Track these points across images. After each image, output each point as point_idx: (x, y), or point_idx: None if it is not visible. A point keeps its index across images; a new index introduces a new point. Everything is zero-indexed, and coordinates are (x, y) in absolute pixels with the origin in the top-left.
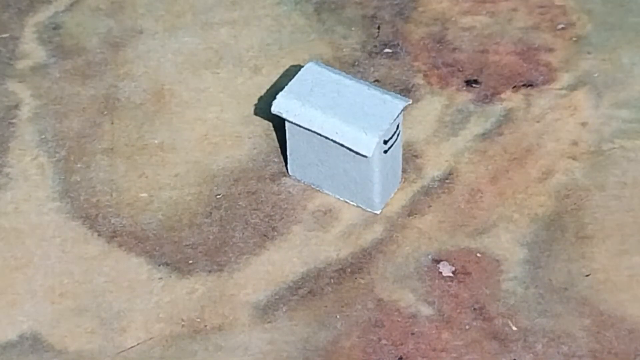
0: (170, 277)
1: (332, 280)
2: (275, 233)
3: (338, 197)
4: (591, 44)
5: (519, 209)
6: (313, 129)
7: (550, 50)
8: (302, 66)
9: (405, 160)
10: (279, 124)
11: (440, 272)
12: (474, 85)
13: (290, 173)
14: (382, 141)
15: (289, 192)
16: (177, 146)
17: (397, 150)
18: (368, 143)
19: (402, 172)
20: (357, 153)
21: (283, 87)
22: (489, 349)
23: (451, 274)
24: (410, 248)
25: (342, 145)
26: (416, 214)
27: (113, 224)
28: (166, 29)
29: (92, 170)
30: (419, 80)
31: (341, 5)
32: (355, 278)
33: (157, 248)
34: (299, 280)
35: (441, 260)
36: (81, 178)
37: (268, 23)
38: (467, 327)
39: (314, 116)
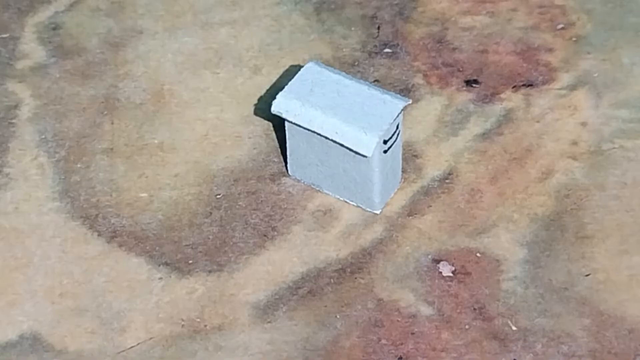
0: (170, 277)
1: (332, 280)
2: (275, 233)
3: (338, 197)
4: (591, 44)
5: (519, 209)
6: (313, 129)
7: (550, 50)
8: (302, 66)
9: (405, 160)
10: (279, 124)
11: (440, 272)
12: (474, 85)
13: (290, 173)
14: (382, 141)
15: (289, 192)
16: (177, 146)
17: (397, 150)
18: (368, 143)
19: (402, 172)
20: (357, 153)
21: (283, 87)
22: (489, 349)
23: (451, 274)
24: (410, 248)
25: (342, 145)
26: (416, 214)
27: (113, 224)
28: (166, 29)
29: (92, 170)
30: (419, 80)
31: (341, 5)
32: (355, 278)
33: (157, 248)
34: (299, 280)
35: (441, 260)
36: (81, 178)
37: (268, 23)
38: (467, 327)
39: (314, 116)
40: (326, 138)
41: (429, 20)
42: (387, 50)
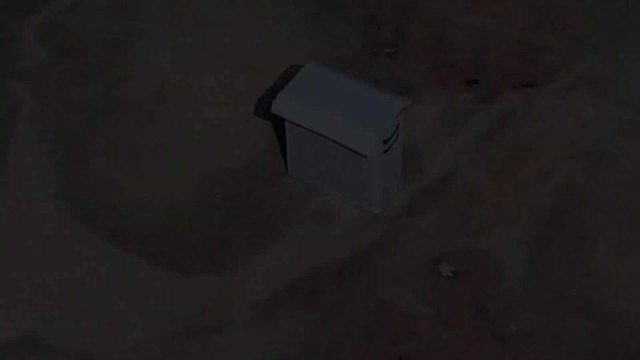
0: (170, 277)
1: (332, 280)
2: (275, 233)
3: (338, 197)
4: (591, 44)
5: (519, 209)
6: (313, 129)
7: (550, 50)
8: (302, 66)
9: (405, 160)
10: (279, 124)
11: (440, 272)
12: (474, 85)
13: (290, 173)
14: (382, 141)
15: (289, 192)
16: (177, 146)
17: (397, 150)
18: (368, 143)
19: (402, 172)
20: (357, 153)
21: (283, 87)
22: (489, 349)
23: (451, 274)
24: (410, 248)
25: (342, 145)
26: (416, 214)
27: (113, 224)
28: (166, 29)
29: (92, 170)
30: (419, 80)
31: (341, 5)
32: (355, 278)
33: (157, 248)
34: (299, 280)
35: (441, 260)
36: (81, 178)
37: (268, 23)
38: (467, 327)
39: (314, 116)
40: (326, 138)
41: (429, 20)
42: (387, 50)
